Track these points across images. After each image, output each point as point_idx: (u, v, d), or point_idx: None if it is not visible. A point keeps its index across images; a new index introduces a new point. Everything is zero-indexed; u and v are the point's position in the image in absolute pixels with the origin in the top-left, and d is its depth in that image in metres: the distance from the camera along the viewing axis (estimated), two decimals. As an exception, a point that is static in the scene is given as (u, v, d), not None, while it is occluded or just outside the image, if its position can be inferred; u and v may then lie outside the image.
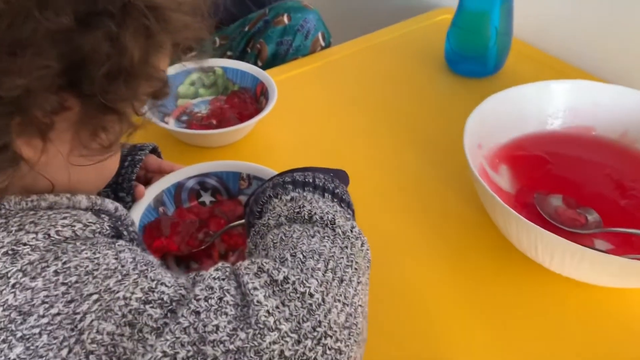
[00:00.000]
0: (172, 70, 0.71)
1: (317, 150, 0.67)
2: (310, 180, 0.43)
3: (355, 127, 0.71)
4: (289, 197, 0.42)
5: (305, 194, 0.42)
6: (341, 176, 0.48)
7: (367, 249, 0.40)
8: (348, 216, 0.42)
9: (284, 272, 0.33)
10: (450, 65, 0.81)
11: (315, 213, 0.39)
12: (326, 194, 0.43)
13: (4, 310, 0.29)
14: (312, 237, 0.37)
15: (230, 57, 0.86)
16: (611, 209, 0.56)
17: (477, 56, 0.78)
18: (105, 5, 0.29)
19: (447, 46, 0.80)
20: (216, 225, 0.56)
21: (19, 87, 0.28)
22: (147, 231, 0.53)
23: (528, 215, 0.57)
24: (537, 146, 0.62)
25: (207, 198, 0.59)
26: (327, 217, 0.39)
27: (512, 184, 0.60)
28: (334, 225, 0.38)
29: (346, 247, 0.37)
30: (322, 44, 0.85)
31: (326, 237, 0.37)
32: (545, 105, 0.62)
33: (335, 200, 0.43)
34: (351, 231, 0.39)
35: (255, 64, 0.84)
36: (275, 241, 0.38)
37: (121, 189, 0.54)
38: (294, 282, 0.32)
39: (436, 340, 0.48)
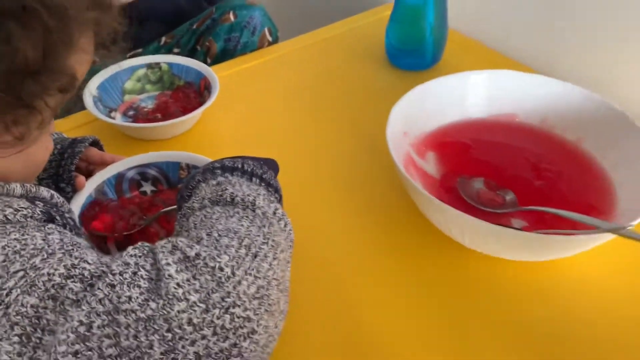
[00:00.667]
0: (119, 67, 0.73)
1: (259, 143, 0.70)
2: (239, 166, 0.46)
3: (297, 120, 0.74)
4: (215, 182, 0.44)
5: (231, 178, 0.45)
6: (270, 164, 0.50)
7: (290, 230, 0.43)
8: (272, 199, 0.44)
9: (196, 248, 0.36)
10: (390, 59, 0.84)
11: (237, 195, 0.42)
12: (254, 179, 0.46)
13: None
14: (231, 217, 0.40)
15: (177, 54, 0.89)
16: (527, 189, 0.60)
17: (414, 49, 0.81)
18: (2, 7, 0.31)
19: (386, 41, 0.83)
20: (156, 212, 0.58)
21: None
22: (85, 217, 0.55)
23: (451, 198, 0.61)
24: (462, 133, 0.66)
25: (148, 187, 0.61)
26: (248, 199, 0.41)
27: (438, 169, 0.64)
28: (255, 207, 0.41)
29: (264, 226, 0.40)
30: (270, 39, 0.88)
31: (245, 218, 0.40)
32: (468, 95, 0.65)
33: (263, 184, 0.46)
34: (274, 213, 0.42)
35: (205, 61, 0.87)
36: (195, 222, 0.41)
37: (61, 179, 0.56)
38: (204, 258, 0.35)
39: (359, 318, 0.51)
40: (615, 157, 0.60)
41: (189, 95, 0.73)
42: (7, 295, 0.32)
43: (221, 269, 0.35)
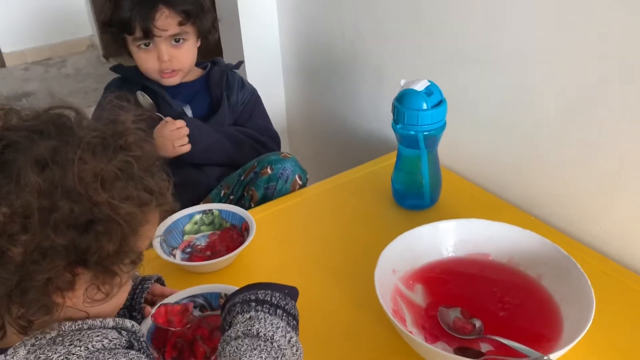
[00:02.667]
0: (181, 214, 0.96)
1: (288, 272, 0.89)
2: (268, 299, 0.64)
3: (317, 254, 0.92)
4: (248, 316, 0.62)
5: (259, 314, 0.62)
6: (292, 291, 0.68)
7: (300, 353, 0.61)
8: (289, 329, 0.62)
9: None
10: (396, 200, 1.03)
11: (260, 331, 0.60)
12: (278, 310, 0.63)
13: None
14: (254, 349, 0.57)
15: (231, 201, 1.12)
16: (492, 318, 0.74)
17: (415, 193, 1.00)
18: (92, 216, 0.52)
19: (392, 186, 1.02)
20: (202, 332, 0.77)
21: (43, 278, 0.51)
22: (154, 338, 0.75)
23: (432, 324, 0.76)
24: (443, 269, 0.81)
25: (196, 313, 0.80)
26: (269, 334, 0.59)
27: (425, 299, 0.79)
28: (272, 340, 0.59)
29: (277, 357, 0.57)
30: (300, 183, 1.09)
31: (264, 350, 0.57)
32: (441, 239, 0.83)
33: (284, 314, 0.63)
34: (289, 342, 0.60)
35: (250, 205, 1.09)
36: (230, 352, 0.58)
37: (134, 309, 0.76)
38: None
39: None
40: (564, 292, 0.74)
41: (232, 235, 0.94)
42: None
43: None
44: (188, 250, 0.94)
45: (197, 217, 0.97)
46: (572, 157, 0.91)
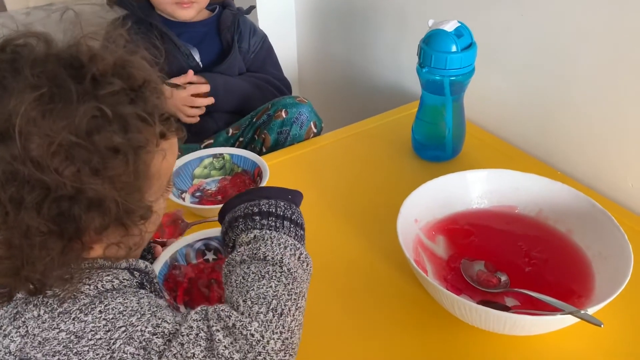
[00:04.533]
0: (190, 157, 0.91)
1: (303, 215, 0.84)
2: (273, 210, 0.59)
3: (333, 204, 0.88)
4: (252, 235, 0.57)
5: (265, 232, 0.57)
6: (296, 196, 0.64)
7: (310, 266, 0.56)
8: (297, 244, 0.57)
9: (233, 318, 0.48)
10: (416, 151, 0.98)
11: (267, 254, 0.54)
12: (285, 222, 0.58)
13: (66, 334, 0.46)
14: (262, 278, 0.52)
15: (240, 143, 1.07)
16: (518, 273, 0.71)
17: (436, 144, 0.95)
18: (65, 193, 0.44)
19: (412, 136, 0.97)
20: (216, 276, 0.73)
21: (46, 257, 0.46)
22: (165, 281, 0.71)
23: (454, 277, 0.72)
24: (468, 221, 0.77)
25: (210, 256, 0.76)
26: (277, 257, 0.54)
27: (446, 251, 0.75)
28: (282, 264, 0.53)
29: (288, 284, 0.52)
30: (315, 130, 1.04)
31: (274, 277, 0.52)
32: (470, 189, 0.78)
33: (291, 226, 0.58)
34: (298, 259, 0.55)
35: (261, 149, 1.04)
36: (237, 281, 0.53)
37: (144, 249, 0.72)
38: (239, 327, 0.48)
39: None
40: (597, 248, 0.69)
41: (244, 180, 0.90)
42: (113, 343, 0.46)
43: (252, 335, 0.48)
44: (198, 194, 0.90)
45: (207, 160, 0.92)
46: (602, 111, 0.86)
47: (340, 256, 0.78)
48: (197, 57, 1.14)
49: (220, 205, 0.82)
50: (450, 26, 0.84)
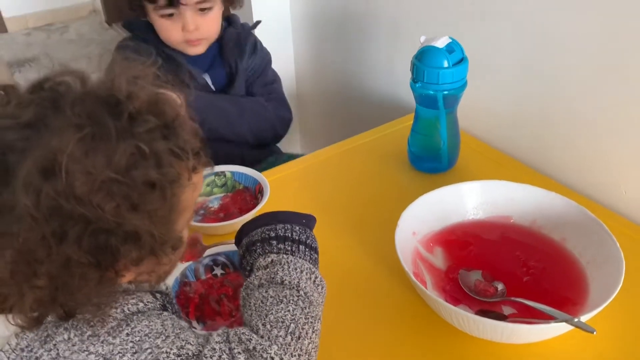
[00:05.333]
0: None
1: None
2: (289, 235, 0.62)
3: (333, 217, 0.90)
4: (270, 260, 0.59)
5: (282, 256, 0.59)
6: (310, 220, 0.66)
7: (324, 289, 0.59)
8: (312, 268, 0.59)
9: (254, 341, 0.51)
10: (412, 164, 1.00)
11: (285, 279, 0.57)
12: (300, 247, 0.61)
13: (95, 356, 0.48)
14: (281, 302, 0.55)
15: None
16: (516, 283, 0.72)
17: (432, 156, 0.97)
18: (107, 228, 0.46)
19: (408, 148, 0.99)
20: (226, 291, 0.75)
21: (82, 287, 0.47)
22: (177, 297, 0.73)
23: (453, 287, 0.74)
24: (464, 232, 0.79)
25: (218, 271, 0.79)
26: (294, 281, 0.56)
27: (444, 262, 0.77)
28: (299, 288, 0.56)
29: (305, 307, 0.55)
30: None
31: (291, 301, 0.55)
32: (463, 201, 0.80)
33: (307, 250, 0.61)
34: (314, 282, 0.58)
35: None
36: (256, 305, 0.56)
37: None
38: (259, 350, 0.50)
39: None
40: (590, 256, 0.71)
41: (246, 197, 0.92)
42: None
43: (272, 358, 0.50)
44: (201, 212, 0.92)
45: (209, 178, 0.94)
46: (596, 120, 0.88)
47: (340, 269, 0.79)
48: (209, 83, 1.15)
49: (224, 223, 0.85)
50: (441, 42, 0.87)
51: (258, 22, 1.22)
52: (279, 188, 0.93)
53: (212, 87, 1.15)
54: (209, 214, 0.92)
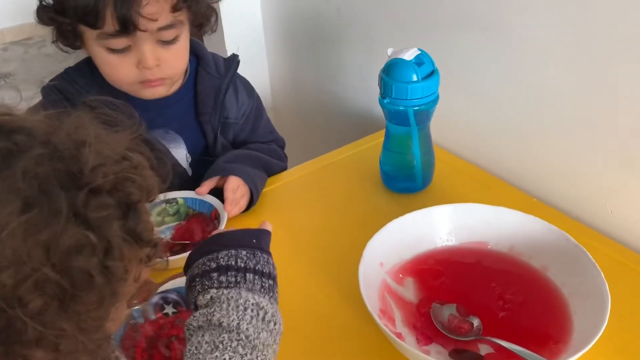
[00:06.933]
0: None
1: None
2: (233, 263, 0.54)
3: (299, 244, 0.83)
4: (209, 297, 0.52)
5: (221, 292, 0.52)
6: (262, 237, 0.58)
7: (280, 326, 0.52)
8: (262, 302, 0.52)
9: None
10: (385, 183, 0.93)
11: (222, 321, 0.50)
12: (247, 275, 0.53)
13: None
14: (216, 348, 0.48)
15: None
16: (491, 318, 0.66)
17: (405, 175, 0.90)
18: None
19: (380, 168, 0.93)
20: (177, 332, 0.68)
21: None
22: (124, 339, 0.66)
23: (424, 324, 0.67)
24: (437, 260, 0.73)
25: (169, 310, 0.71)
26: (233, 323, 0.49)
27: (416, 294, 0.71)
28: (239, 330, 0.49)
29: (245, 354, 0.48)
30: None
31: (229, 346, 0.48)
32: (434, 227, 0.74)
33: (255, 278, 0.54)
34: (263, 321, 0.51)
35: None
36: (191, 352, 0.49)
37: None
38: None
39: None
40: (573, 286, 0.65)
41: (201, 225, 0.85)
42: None
43: None
44: (154, 243, 0.85)
45: (160, 207, 0.87)
46: (579, 134, 0.81)
47: (305, 304, 0.73)
48: (182, 152, 0.92)
49: (178, 257, 0.78)
50: (409, 54, 0.81)
51: (235, 58, 0.96)
52: (248, 211, 0.86)
53: (188, 158, 0.93)
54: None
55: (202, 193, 0.85)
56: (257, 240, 0.58)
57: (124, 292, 0.43)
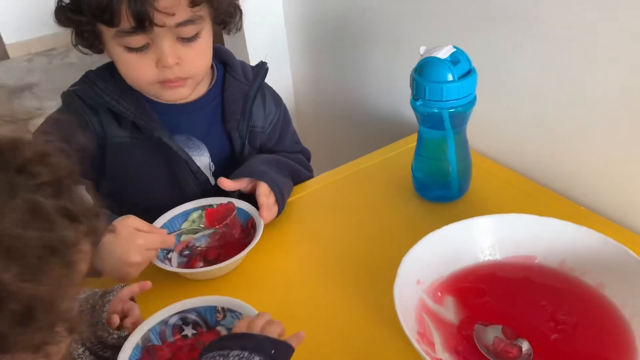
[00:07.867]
0: (176, 211, 0.82)
1: (293, 280, 0.75)
2: None
3: (326, 259, 0.78)
4: None
5: None
6: (282, 351, 0.55)
7: None
8: None
9: None
10: (418, 192, 0.88)
11: None
12: None
13: None
14: None
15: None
16: (542, 342, 0.60)
17: (440, 183, 0.84)
18: None
19: (413, 175, 0.87)
20: (197, 354, 0.63)
21: None
22: None
23: (467, 347, 0.61)
24: (479, 277, 0.67)
25: (189, 331, 0.67)
26: None
27: (457, 315, 0.65)
28: None
29: None
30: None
31: None
32: (475, 240, 0.68)
33: None
34: None
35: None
36: None
37: (99, 329, 0.63)
38: None
39: None
40: (636, 307, 0.58)
41: (234, 234, 0.81)
42: None
43: None
44: (186, 252, 0.81)
45: (196, 214, 0.83)
46: (629, 137, 0.75)
47: (333, 325, 0.67)
48: (204, 159, 0.88)
49: (209, 268, 0.73)
50: (444, 52, 0.75)
51: (264, 65, 0.92)
52: (269, 224, 0.82)
53: (211, 167, 0.89)
54: (194, 255, 0.81)
55: (226, 186, 0.81)
56: (276, 351, 0.55)
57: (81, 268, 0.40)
